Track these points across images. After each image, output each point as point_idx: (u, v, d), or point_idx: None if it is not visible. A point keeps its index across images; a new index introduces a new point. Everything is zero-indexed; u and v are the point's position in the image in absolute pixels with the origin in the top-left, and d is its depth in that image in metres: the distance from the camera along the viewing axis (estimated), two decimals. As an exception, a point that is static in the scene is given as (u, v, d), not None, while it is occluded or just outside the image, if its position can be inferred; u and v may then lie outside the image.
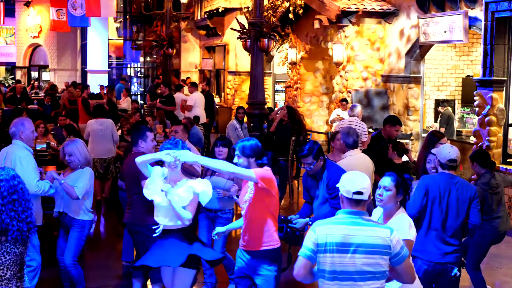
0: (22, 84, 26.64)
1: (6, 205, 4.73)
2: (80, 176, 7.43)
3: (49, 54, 35.62)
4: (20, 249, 4.83)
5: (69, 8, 26.22)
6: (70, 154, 7.42)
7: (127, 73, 37.70)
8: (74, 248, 7.47)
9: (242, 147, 6.17)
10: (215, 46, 28.68)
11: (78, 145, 7.55)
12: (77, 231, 7.49)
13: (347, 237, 4.51)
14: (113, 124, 13.24)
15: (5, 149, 7.43)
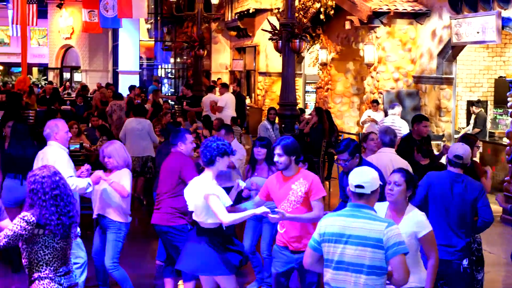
0: (53, 85, 26.83)
1: (47, 200, 4.94)
2: (122, 177, 7.48)
3: (81, 55, 35.93)
4: (61, 244, 4.98)
5: (101, 9, 26.42)
6: (109, 156, 7.49)
7: (158, 74, 37.89)
8: (113, 250, 7.49)
9: (285, 145, 6.19)
10: (245, 47, 28.73)
11: (117, 147, 7.62)
12: (114, 233, 7.51)
13: (343, 228, 4.65)
14: (150, 124, 13.42)
15: (42, 151, 7.50)
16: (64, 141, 7.47)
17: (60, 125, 7.45)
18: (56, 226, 4.93)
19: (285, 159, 6.15)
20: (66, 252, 5.06)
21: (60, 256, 5.01)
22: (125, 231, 7.60)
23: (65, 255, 5.06)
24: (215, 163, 6.26)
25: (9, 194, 8.74)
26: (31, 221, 4.87)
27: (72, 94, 28.73)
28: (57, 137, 7.38)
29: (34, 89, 24.96)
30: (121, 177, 7.48)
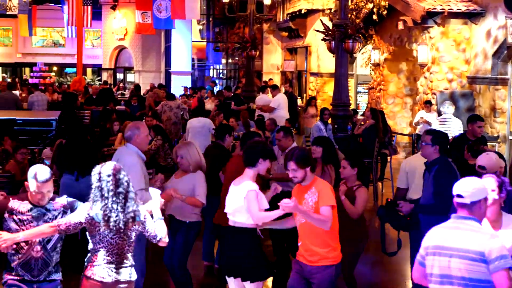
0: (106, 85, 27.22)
1: (110, 197, 5.16)
2: (196, 182, 7.44)
3: (134, 56, 36.35)
4: (116, 240, 5.20)
5: (154, 11, 26.71)
6: (181, 157, 7.49)
7: (210, 74, 38.14)
8: (181, 250, 7.51)
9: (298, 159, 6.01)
10: (297, 48, 28.73)
11: (190, 148, 7.57)
12: (184, 234, 7.50)
13: (445, 241, 4.52)
14: (211, 123, 13.99)
15: (118, 152, 7.57)
16: (144, 144, 7.43)
17: (142, 128, 7.39)
18: (114, 223, 5.16)
19: (300, 173, 6.01)
20: (123, 247, 5.28)
21: (116, 251, 5.24)
22: (195, 231, 7.59)
23: (121, 250, 5.27)
24: (256, 165, 6.34)
25: (66, 190, 8.90)
26: (91, 214, 5.16)
27: (126, 94, 29.09)
28: (138, 140, 7.26)
29: (89, 90, 25.37)
30: (195, 183, 7.44)
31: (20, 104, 20.05)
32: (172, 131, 17.47)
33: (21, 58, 41.13)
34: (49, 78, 35.11)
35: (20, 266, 5.38)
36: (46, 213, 5.43)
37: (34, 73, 36.18)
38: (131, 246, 5.35)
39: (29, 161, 11.42)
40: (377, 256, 9.79)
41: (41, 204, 5.42)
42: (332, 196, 6.05)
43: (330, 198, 6.01)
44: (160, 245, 5.48)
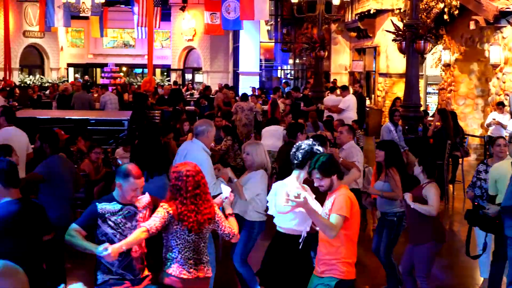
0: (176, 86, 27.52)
1: (189, 198, 5.28)
2: (251, 178, 7.53)
3: (202, 57, 36.67)
4: (193, 237, 5.33)
5: (223, 11, 26.87)
6: (247, 153, 7.58)
7: (277, 75, 38.22)
8: (242, 248, 7.58)
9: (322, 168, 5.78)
10: (365, 48, 28.59)
11: (258, 148, 7.64)
12: (246, 232, 7.55)
13: None
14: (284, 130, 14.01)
15: (185, 146, 7.78)
16: (211, 142, 7.73)
17: (213, 126, 7.69)
18: (191, 223, 5.29)
19: (325, 182, 5.79)
20: (199, 244, 5.42)
21: (192, 248, 5.37)
22: (257, 230, 7.64)
23: (198, 247, 5.41)
24: (304, 167, 6.33)
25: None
26: (170, 212, 5.25)
27: (195, 94, 29.39)
28: (209, 135, 7.58)
29: (159, 90, 25.72)
30: (250, 178, 7.53)
31: (93, 104, 20.43)
32: (242, 132, 17.60)
33: (92, 59, 41.92)
34: (119, 79, 35.71)
35: (121, 268, 5.40)
36: (136, 212, 5.46)
37: (105, 73, 36.86)
38: (206, 243, 5.49)
39: (103, 161, 11.68)
40: (448, 259, 9.71)
41: (134, 202, 5.43)
42: (347, 207, 5.64)
43: (342, 208, 5.64)
44: (232, 241, 5.59)
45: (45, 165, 7.80)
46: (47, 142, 7.89)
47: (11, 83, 26.84)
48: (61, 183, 7.70)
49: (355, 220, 5.72)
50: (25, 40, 36.47)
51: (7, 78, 28.11)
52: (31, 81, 34.94)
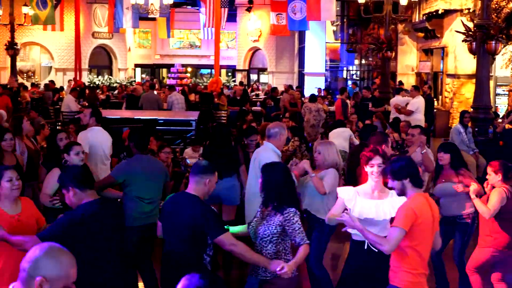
0: (243, 86, 27.65)
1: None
2: (326, 175, 7.48)
3: (268, 57, 36.75)
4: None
5: (289, 12, 26.90)
6: (319, 152, 7.55)
7: (343, 76, 38.05)
8: (315, 248, 7.48)
9: (393, 171, 5.68)
10: (433, 49, 28.19)
11: (330, 147, 7.62)
12: (318, 231, 7.53)
13: None
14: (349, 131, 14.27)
15: (257, 151, 7.82)
16: (282, 144, 7.74)
17: (286, 129, 7.75)
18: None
19: (396, 184, 5.67)
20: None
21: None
22: (329, 229, 7.52)
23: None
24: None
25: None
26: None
27: (260, 95, 29.48)
28: (281, 139, 7.63)
29: (224, 90, 25.89)
30: (325, 175, 7.49)
31: (162, 104, 20.67)
32: (310, 134, 17.58)
33: (159, 60, 42.48)
34: (186, 79, 36.08)
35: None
36: None
37: (172, 74, 37.30)
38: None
39: (172, 160, 11.82)
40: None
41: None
42: (405, 220, 5.43)
43: (400, 220, 5.46)
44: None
45: (125, 164, 7.84)
46: (133, 141, 7.83)
47: (81, 84, 27.40)
48: (142, 183, 7.56)
49: (419, 231, 5.49)
50: (94, 41, 37.20)
51: (77, 78, 28.72)
52: (100, 81, 35.59)
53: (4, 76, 33.60)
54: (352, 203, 6.33)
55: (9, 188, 5.40)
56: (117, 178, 7.56)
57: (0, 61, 34.81)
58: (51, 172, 7.33)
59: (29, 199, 5.85)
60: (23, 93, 24.16)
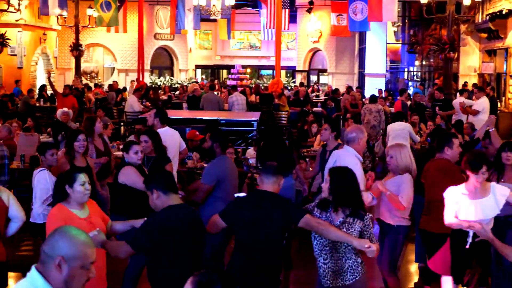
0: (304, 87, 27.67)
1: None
2: (401, 184, 7.35)
3: (328, 58, 36.70)
4: None
5: (350, 13, 26.83)
6: (391, 156, 7.50)
7: (403, 77, 37.74)
8: (389, 254, 7.46)
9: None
10: (496, 49, 27.79)
11: (403, 150, 7.51)
12: (391, 238, 7.45)
13: None
14: (411, 127, 14.33)
15: (336, 152, 7.79)
16: (362, 149, 7.70)
17: (365, 133, 7.67)
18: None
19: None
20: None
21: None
22: (403, 235, 7.49)
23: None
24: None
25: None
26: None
27: (320, 96, 29.47)
28: (360, 143, 7.52)
29: (285, 92, 25.95)
30: (400, 185, 7.35)
31: (222, 105, 20.82)
32: (371, 135, 17.52)
33: (219, 61, 42.78)
34: (246, 80, 36.28)
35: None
36: None
37: (232, 75, 37.53)
38: None
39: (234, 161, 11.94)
40: None
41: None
42: None
43: None
44: None
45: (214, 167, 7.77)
46: (218, 142, 7.80)
47: (144, 84, 27.81)
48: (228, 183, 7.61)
49: None
50: (156, 42, 37.71)
51: (140, 79, 29.15)
52: (162, 82, 36.04)
53: (68, 77, 34.32)
54: (458, 206, 6.34)
55: (82, 192, 5.45)
56: (212, 184, 7.57)
57: (65, 62, 35.58)
58: None
59: (91, 199, 5.85)
60: (88, 93, 24.64)
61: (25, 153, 11.91)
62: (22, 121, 15.64)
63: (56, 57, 34.99)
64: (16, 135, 13.24)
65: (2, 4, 23.50)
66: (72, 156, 8.34)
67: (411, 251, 10.05)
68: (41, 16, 30.88)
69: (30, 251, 10.60)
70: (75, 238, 3.42)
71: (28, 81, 30.31)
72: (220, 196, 7.49)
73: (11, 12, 23.17)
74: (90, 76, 37.47)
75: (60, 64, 35.59)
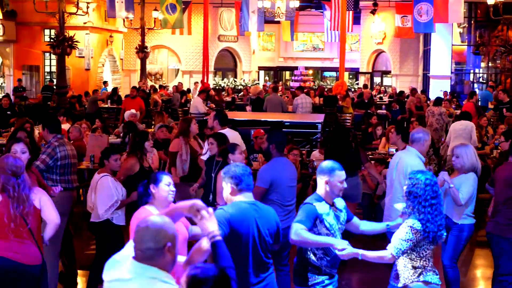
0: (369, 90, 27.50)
1: (426, 207, 5.30)
2: (464, 182, 7.35)
3: (391, 60, 36.42)
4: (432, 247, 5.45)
5: (415, 14, 26.56)
6: (457, 156, 7.44)
7: (469, 78, 37.20)
8: (452, 250, 7.50)
9: None
10: None
11: (468, 150, 7.49)
12: (455, 235, 7.46)
13: None
14: (473, 125, 14.11)
15: (399, 153, 7.83)
16: (425, 150, 7.69)
17: (430, 135, 7.70)
18: (431, 233, 5.33)
19: None
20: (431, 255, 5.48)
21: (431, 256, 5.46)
22: (467, 233, 7.50)
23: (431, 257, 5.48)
24: None
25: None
26: (419, 229, 5.31)
27: (384, 98, 29.27)
28: (424, 144, 7.58)
29: (349, 93, 25.84)
30: (463, 182, 7.36)
31: (286, 107, 20.79)
32: (433, 138, 17.35)
33: (282, 62, 42.85)
34: (309, 82, 36.24)
35: (329, 267, 5.49)
36: (338, 212, 5.54)
37: (295, 76, 37.56)
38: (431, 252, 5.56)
39: (300, 163, 11.98)
40: None
41: (340, 196, 5.54)
42: None
43: None
44: None
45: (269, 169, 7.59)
46: (274, 143, 7.61)
47: (208, 86, 28.04)
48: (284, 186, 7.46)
49: None
50: (220, 44, 38.00)
51: (204, 81, 29.40)
52: (225, 83, 36.28)
53: (133, 78, 34.87)
54: None
55: (167, 192, 5.39)
56: (266, 186, 7.40)
57: (131, 63, 36.15)
58: None
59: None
60: (154, 95, 24.99)
61: (94, 154, 12.12)
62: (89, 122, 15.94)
63: (122, 59, 35.60)
64: (86, 136, 13.52)
65: (71, 7, 24.00)
66: (141, 157, 8.40)
67: (478, 256, 9.96)
68: (107, 19, 31.49)
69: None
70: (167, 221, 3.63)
71: (95, 82, 30.91)
72: (275, 200, 7.36)
73: (79, 15, 23.63)
74: (155, 78, 37.96)
75: (125, 66, 36.18)
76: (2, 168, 5.84)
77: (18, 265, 5.81)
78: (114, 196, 7.64)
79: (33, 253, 5.90)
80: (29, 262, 5.87)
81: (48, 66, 30.88)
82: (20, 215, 5.80)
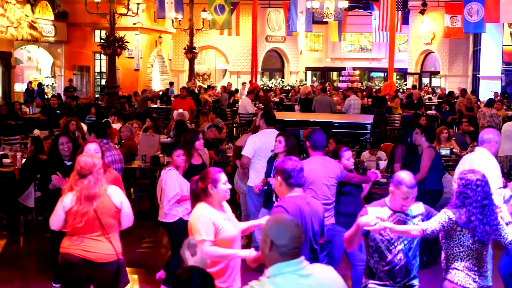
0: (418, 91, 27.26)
1: (477, 208, 5.22)
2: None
3: (440, 60, 36.08)
4: (476, 246, 5.29)
5: (465, 14, 26.35)
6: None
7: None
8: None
9: None
10: None
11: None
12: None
13: None
14: None
15: (470, 155, 7.71)
16: (495, 152, 7.58)
17: (500, 136, 7.63)
18: (480, 235, 5.24)
19: None
20: (482, 254, 5.35)
21: (476, 256, 5.32)
22: None
23: (480, 256, 5.35)
24: None
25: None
26: (451, 218, 5.26)
27: (433, 99, 29.01)
28: (495, 146, 7.52)
29: (398, 94, 25.69)
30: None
31: (334, 107, 20.73)
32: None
33: (329, 63, 42.74)
34: (357, 83, 36.10)
35: (384, 273, 5.40)
36: (406, 219, 5.40)
37: (342, 77, 37.45)
38: (487, 251, 5.43)
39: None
40: None
41: (403, 210, 5.37)
42: None
43: None
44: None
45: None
46: (311, 141, 7.64)
47: (257, 86, 28.13)
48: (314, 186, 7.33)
49: None
50: (267, 44, 38.10)
51: (252, 81, 29.50)
52: (273, 84, 36.35)
53: (181, 79, 35.16)
54: None
55: (225, 190, 5.40)
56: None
57: (179, 64, 36.45)
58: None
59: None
60: (203, 95, 25.16)
61: (146, 153, 12.27)
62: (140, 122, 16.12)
63: (171, 59, 35.90)
64: (137, 136, 13.69)
65: (121, 8, 24.30)
66: (189, 154, 8.40)
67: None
68: (157, 20, 31.78)
69: (151, 248, 10.94)
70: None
71: (144, 83, 31.25)
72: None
73: (129, 16, 23.91)
74: (203, 78, 38.22)
75: (174, 66, 36.47)
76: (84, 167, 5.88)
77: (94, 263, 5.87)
78: (177, 189, 7.77)
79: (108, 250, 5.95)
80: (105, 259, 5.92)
81: (99, 66, 31.28)
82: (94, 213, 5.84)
